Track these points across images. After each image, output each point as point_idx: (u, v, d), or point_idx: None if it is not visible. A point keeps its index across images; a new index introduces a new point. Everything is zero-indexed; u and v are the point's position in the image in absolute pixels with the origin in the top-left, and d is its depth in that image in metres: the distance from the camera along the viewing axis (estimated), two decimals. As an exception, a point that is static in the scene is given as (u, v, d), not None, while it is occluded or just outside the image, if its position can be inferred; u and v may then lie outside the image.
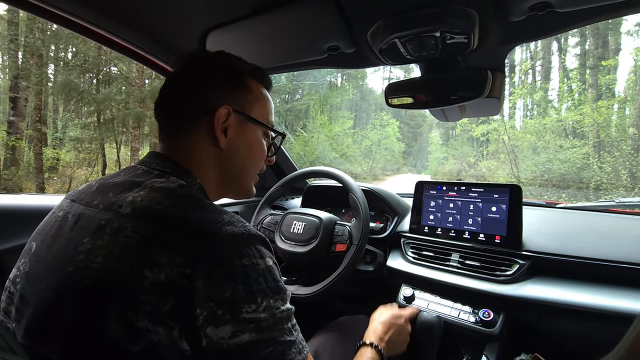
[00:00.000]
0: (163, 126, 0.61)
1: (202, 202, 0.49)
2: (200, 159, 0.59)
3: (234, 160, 0.62)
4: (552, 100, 10.48)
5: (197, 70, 0.60)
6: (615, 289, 0.81)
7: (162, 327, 0.39)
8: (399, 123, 16.23)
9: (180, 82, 0.60)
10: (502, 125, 9.69)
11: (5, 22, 7.26)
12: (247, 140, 0.63)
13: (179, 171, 0.55)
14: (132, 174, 0.53)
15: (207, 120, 0.58)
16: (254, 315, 0.43)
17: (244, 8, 0.79)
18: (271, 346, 0.44)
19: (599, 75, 8.35)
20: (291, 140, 10.15)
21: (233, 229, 0.46)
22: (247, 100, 0.62)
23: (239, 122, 0.60)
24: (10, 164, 7.25)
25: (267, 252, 0.49)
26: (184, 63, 0.62)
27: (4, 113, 7.61)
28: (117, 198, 0.48)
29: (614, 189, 6.70)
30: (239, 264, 0.44)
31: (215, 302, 0.41)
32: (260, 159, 0.67)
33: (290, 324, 0.48)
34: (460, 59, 0.85)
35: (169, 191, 0.49)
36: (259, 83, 0.65)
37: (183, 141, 0.58)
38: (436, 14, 0.68)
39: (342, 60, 0.96)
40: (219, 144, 0.58)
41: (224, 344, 0.41)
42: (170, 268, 0.40)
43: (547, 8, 0.63)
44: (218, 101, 0.58)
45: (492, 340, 0.88)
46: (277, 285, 0.47)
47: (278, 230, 1.16)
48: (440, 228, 1.11)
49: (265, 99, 0.66)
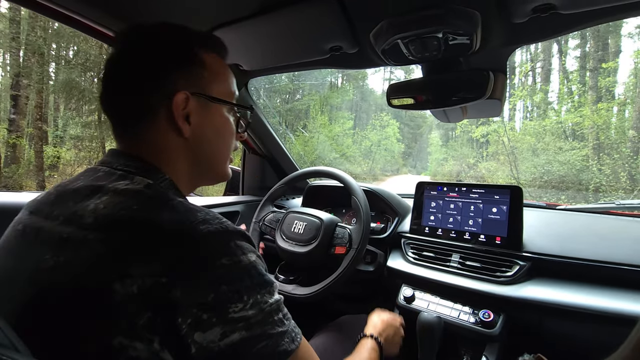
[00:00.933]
0: (116, 123, 0.55)
1: (172, 202, 0.45)
2: (166, 152, 0.53)
3: (203, 148, 0.57)
4: (552, 102, 10.49)
5: (140, 55, 0.52)
6: (615, 291, 0.82)
7: (140, 342, 0.37)
8: (399, 124, 16.22)
9: (124, 71, 0.52)
10: (502, 127, 9.70)
11: (7, 20, 7.26)
12: (214, 123, 0.57)
13: (144, 169, 0.50)
14: (92, 178, 0.48)
15: (164, 109, 0.51)
16: (242, 314, 0.41)
17: (247, 8, 0.80)
18: (264, 340, 0.42)
19: (599, 77, 8.34)
20: (292, 140, 10.16)
21: (208, 227, 0.43)
22: (204, 78, 0.55)
23: (200, 105, 0.54)
24: (11, 161, 7.24)
25: (249, 247, 0.46)
26: (120, 47, 0.53)
27: (4, 111, 7.60)
28: (78, 207, 0.44)
29: (613, 191, 6.70)
30: (219, 264, 0.41)
31: (198, 308, 0.38)
32: (230, 138, 0.62)
33: (281, 314, 0.46)
34: (462, 60, 0.86)
35: (134, 194, 0.45)
36: (212, 53, 0.57)
37: (143, 136, 0.53)
38: (439, 15, 0.68)
39: (344, 60, 0.96)
40: (182, 133, 0.53)
41: (214, 347, 0.39)
42: (143, 279, 0.37)
43: (550, 10, 0.63)
44: (172, 86, 0.51)
45: (492, 341, 0.88)
46: (263, 280, 0.45)
47: (279, 228, 1.16)
48: (441, 229, 1.12)
49: (224, 71, 0.59)
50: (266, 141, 1.58)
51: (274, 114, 11.42)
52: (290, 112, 13.47)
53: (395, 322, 0.91)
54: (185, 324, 0.38)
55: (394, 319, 0.91)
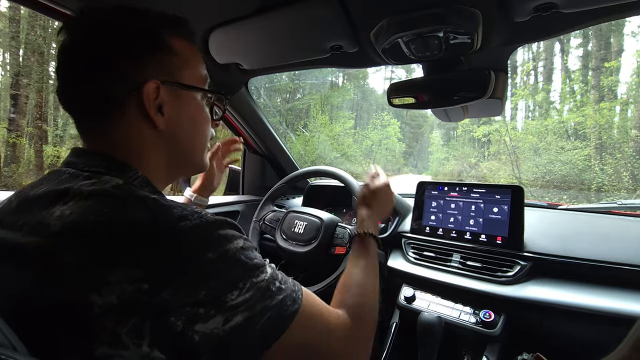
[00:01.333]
0: (79, 118, 0.50)
1: (146, 200, 0.42)
2: (138, 146, 0.50)
3: (178, 138, 0.53)
4: (554, 102, 10.47)
5: (97, 41, 0.47)
6: (617, 291, 0.81)
7: (125, 350, 0.35)
8: (400, 123, 16.20)
9: (80, 60, 0.47)
10: (504, 126, 9.68)
11: (6, 19, 7.27)
12: (188, 112, 0.54)
13: (114, 168, 0.47)
14: (56, 182, 0.45)
15: (134, 99, 0.47)
16: (240, 300, 0.40)
17: (247, 6, 0.79)
18: (267, 312, 0.42)
19: (602, 76, 8.32)
20: (292, 140, 10.16)
21: (187, 223, 0.40)
22: (174, 65, 0.51)
23: (172, 94, 0.50)
24: (11, 161, 7.26)
25: (234, 233, 0.44)
26: (74, 33, 0.48)
27: (4, 110, 7.62)
28: (43, 215, 0.40)
29: (616, 191, 6.69)
30: (205, 259, 0.40)
31: (192, 306, 0.37)
32: (206, 126, 0.58)
33: (277, 283, 0.45)
34: (463, 59, 0.85)
35: (104, 196, 0.41)
36: (181, 38, 0.53)
37: (112, 131, 0.49)
38: (440, 13, 0.68)
39: (344, 59, 0.96)
40: (156, 125, 0.49)
41: (219, 332, 0.38)
42: (122, 285, 0.35)
43: (551, 9, 0.62)
44: (140, 75, 0.47)
45: (493, 342, 0.88)
46: (254, 264, 0.44)
47: (279, 228, 1.16)
48: (442, 228, 1.11)
49: (194, 56, 0.55)
50: (267, 140, 1.58)
51: (274, 113, 11.42)
52: (290, 111, 13.47)
53: (377, 192, 0.84)
54: (180, 321, 0.37)
55: (373, 191, 0.84)
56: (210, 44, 0.93)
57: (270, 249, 1.23)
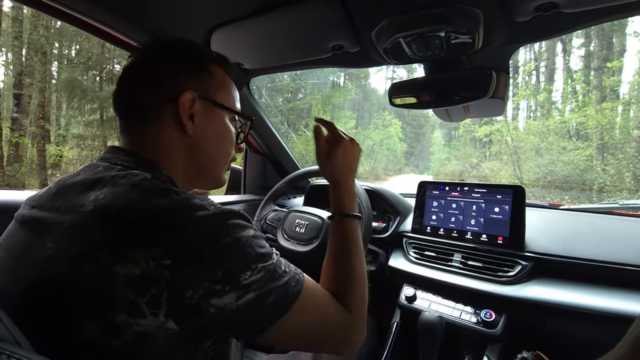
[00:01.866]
0: (123, 118, 0.58)
1: (170, 190, 0.47)
2: (166, 149, 0.56)
3: (203, 148, 0.60)
4: (556, 102, 10.42)
5: (155, 58, 0.57)
6: (619, 291, 0.81)
7: (144, 318, 0.39)
8: (401, 123, 16.18)
9: (139, 71, 0.57)
10: (505, 126, 9.65)
11: (9, 19, 7.29)
12: (216, 127, 0.60)
13: (143, 164, 0.53)
14: (92, 172, 0.50)
15: (170, 107, 0.55)
16: (252, 279, 0.45)
17: (249, 6, 0.80)
18: (274, 292, 0.47)
19: (604, 76, 8.28)
20: (294, 139, 10.16)
21: (206, 212, 0.45)
22: (211, 86, 0.59)
23: (205, 107, 0.58)
24: (14, 160, 7.29)
25: (247, 224, 0.49)
26: (139, 52, 0.58)
27: (7, 110, 7.64)
28: (79, 198, 0.46)
29: (617, 191, 6.66)
30: (221, 244, 0.44)
31: (209, 282, 0.42)
32: (230, 146, 0.65)
33: (283, 266, 0.51)
34: (464, 58, 0.85)
35: (133, 184, 0.46)
36: (221, 68, 0.62)
37: (146, 132, 0.55)
38: (441, 13, 0.68)
39: (346, 59, 0.96)
40: (186, 130, 0.56)
41: (232, 306, 0.43)
42: (147, 262, 0.39)
43: (553, 8, 0.62)
44: (181, 87, 0.55)
45: (494, 341, 0.88)
46: (264, 252, 0.49)
47: (280, 227, 1.16)
48: (443, 228, 1.11)
49: (230, 85, 0.64)
50: (268, 140, 1.58)
51: (275, 113, 11.42)
52: (292, 111, 13.47)
53: (338, 153, 0.75)
54: (197, 294, 0.41)
55: (333, 150, 0.75)
56: (212, 44, 0.93)
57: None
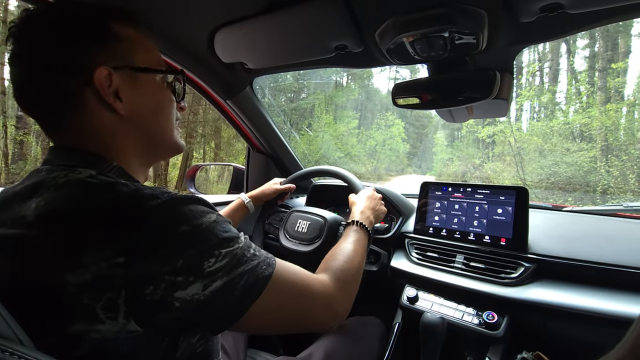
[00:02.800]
0: (41, 118, 0.51)
1: (116, 184, 0.43)
2: (106, 136, 0.50)
3: (144, 122, 0.54)
4: (560, 103, 10.38)
5: (47, 38, 0.47)
6: (622, 294, 0.80)
7: (101, 324, 0.37)
8: (404, 123, 16.17)
9: (32, 59, 0.47)
10: (509, 127, 9.62)
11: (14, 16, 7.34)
12: (148, 95, 0.54)
13: (87, 161, 0.48)
14: (34, 178, 0.46)
15: (89, 90, 0.48)
16: (217, 266, 0.43)
17: (252, 6, 0.80)
18: (244, 276, 0.45)
19: (608, 77, 8.24)
20: (296, 139, 10.17)
21: (157, 200, 0.42)
22: (124, 51, 0.51)
23: (127, 78, 0.51)
24: (18, 158, 7.34)
25: (205, 208, 0.46)
26: (20, 34, 0.47)
27: (12, 108, 7.70)
28: (21, 208, 0.43)
29: (621, 193, 6.62)
30: (179, 231, 0.41)
31: (170, 274, 0.39)
32: (171, 108, 0.59)
33: (252, 250, 0.49)
34: (468, 59, 0.85)
35: (76, 184, 0.43)
36: (128, 26, 0.53)
37: (76, 124, 0.49)
38: (445, 14, 0.68)
39: (349, 59, 0.96)
40: (116, 111, 0.50)
41: (199, 297, 0.41)
42: (98, 264, 0.37)
43: (558, 9, 0.62)
44: (90, 64, 0.47)
45: (496, 343, 0.87)
46: (229, 235, 0.46)
47: (283, 227, 1.17)
48: (445, 229, 1.11)
49: (145, 42, 0.55)
50: (271, 140, 1.58)
51: (278, 112, 11.44)
52: (295, 111, 13.49)
53: (373, 196, 1.01)
54: (159, 290, 0.38)
55: (372, 195, 1.02)
56: (216, 43, 0.94)
57: (274, 248, 1.23)
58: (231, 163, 1.88)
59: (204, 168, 2.01)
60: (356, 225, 0.85)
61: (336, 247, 0.74)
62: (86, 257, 0.38)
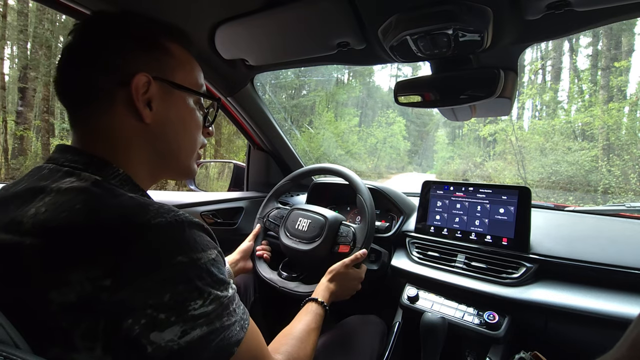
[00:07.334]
0: (70, 108, 0.51)
1: (121, 198, 0.42)
2: (122, 141, 0.50)
3: (165, 137, 0.53)
4: (562, 102, 10.35)
5: (100, 36, 0.49)
6: (625, 295, 0.80)
7: (77, 353, 0.35)
8: (405, 121, 16.14)
9: (81, 52, 0.49)
10: (510, 126, 9.60)
11: (15, 12, 7.31)
12: (178, 112, 0.54)
13: (94, 164, 0.46)
14: (36, 178, 0.45)
15: (122, 92, 0.48)
16: (202, 310, 0.40)
17: (254, 2, 0.79)
18: (221, 333, 0.42)
19: (611, 76, 8.20)
20: (297, 136, 10.15)
21: (161, 220, 0.39)
22: (169, 65, 0.52)
23: (163, 91, 0.51)
24: (18, 153, 7.34)
25: (209, 242, 0.44)
26: (80, 30, 0.50)
27: (12, 103, 7.69)
28: (17, 213, 0.40)
29: (623, 193, 6.61)
30: (175, 262, 0.39)
31: (153, 308, 0.36)
32: (197, 131, 0.58)
33: (234, 304, 0.46)
34: (472, 57, 0.84)
35: (79, 192, 0.41)
36: (179, 45, 0.55)
37: (97, 123, 0.49)
38: (450, 11, 0.66)
39: (351, 56, 0.95)
40: (143, 118, 0.49)
41: (173, 345, 0.37)
42: (82, 285, 0.35)
43: (565, 7, 0.61)
44: (132, 68, 0.48)
45: (497, 343, 0.87)
46: (221, 279, 0.44)
47: (283, 225, 1.16)
48: (447, 228, 1.10)
49: (191, 62, 0.57)
50: (271, 137, 1.57)
51: (279, 109, 11.41)
52: (296, 108, 13.47)
53: (341, 270, 0.91)
54: (137, 325, 0.36)
55: (340, 269, 0.92)
56: (217, 40, 0.93)
57: (274, 246, 1.23)
58: (232, 160, 1.88)
59: (204, 165, 2.01)
60: (316, 303, 0.82)
61: (292, 327, 0.72)
62: (74, 274, 0.36)
